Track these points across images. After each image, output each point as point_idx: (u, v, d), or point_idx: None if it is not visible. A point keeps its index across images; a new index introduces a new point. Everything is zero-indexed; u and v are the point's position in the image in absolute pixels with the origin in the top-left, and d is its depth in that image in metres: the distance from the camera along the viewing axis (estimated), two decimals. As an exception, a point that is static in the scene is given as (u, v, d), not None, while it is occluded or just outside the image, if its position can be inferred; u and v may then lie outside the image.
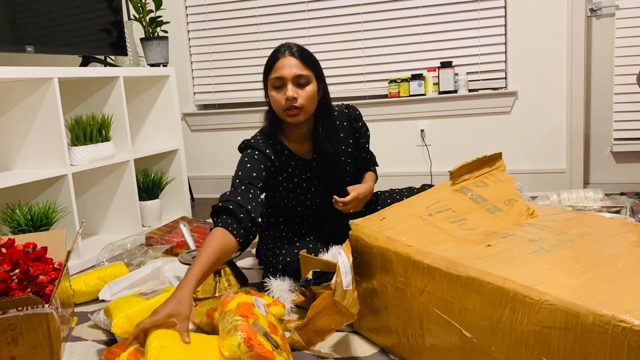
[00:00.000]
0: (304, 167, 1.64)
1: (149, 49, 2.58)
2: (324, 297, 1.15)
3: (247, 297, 1.20)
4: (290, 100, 1.48)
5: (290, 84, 1.48)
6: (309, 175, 1.66)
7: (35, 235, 1.55)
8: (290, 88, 1.47)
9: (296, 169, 1.64)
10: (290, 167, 1.63)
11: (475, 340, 0.95)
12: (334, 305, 1.11)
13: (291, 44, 1.53)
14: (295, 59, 1.49)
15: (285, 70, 1.48)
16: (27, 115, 1.98)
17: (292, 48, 1.51)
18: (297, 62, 1.49)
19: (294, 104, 1.48)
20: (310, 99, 1.51)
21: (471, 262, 0.98)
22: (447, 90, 2.78)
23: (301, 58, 1.50)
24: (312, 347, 1.24)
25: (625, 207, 1.97)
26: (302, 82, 1.49)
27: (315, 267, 1.43)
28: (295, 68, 1.48)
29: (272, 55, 1.53)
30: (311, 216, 1.75)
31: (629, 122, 2.63)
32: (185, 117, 3.29)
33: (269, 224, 1.80)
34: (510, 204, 1.27)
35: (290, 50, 1.50)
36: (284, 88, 1.49)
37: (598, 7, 2.63)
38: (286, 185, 1.66)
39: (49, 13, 2.13)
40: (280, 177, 1.64)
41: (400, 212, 1.24)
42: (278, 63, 1.49)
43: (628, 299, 0.79)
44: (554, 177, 2.78)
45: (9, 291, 1.26)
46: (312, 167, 1.65)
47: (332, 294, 1.10)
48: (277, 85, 1.50)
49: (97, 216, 2.38)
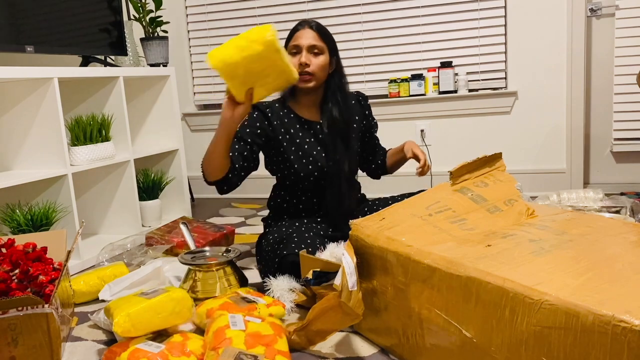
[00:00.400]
0: (309, 129, 1.75)
1: (149, 49, 2.58)
2: (329, 299, 1.15)
3: (224, 318, 1.20)
4: (303, 65, 1.64)
5: (304, 52, 1.65)
6: (312, 139, 1.75)
7: (35, 235, 1.55)
8: (304, 55, 1.65)
9: (301, 131, 1.74)
10: (294, 128, 1.74)
11: (475, 340, 0.95)
12: (339, 307, 1.11)
13: (311, 20, 1.71)
14: (312, 32, 1.67)
15: (302, 40, 1.66)
16: (27, 115, 1.98)
17: (311, 23, 1.70)
18: (313, 34, 1.66)
19: (307, 70, 1.65)
20: (321, 68, 1.68)
21: (471, 262, 0.98)
22: (447, 90, 2.78)
23: (318, 31, 1.68)
24: (312, 347, 1.24)
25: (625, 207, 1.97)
26: (316, 51, 1.66)
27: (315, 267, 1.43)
28: (311, 39, 1.66)
29: (293, 28, 1.71)
30: (313, 185, 1.76)
31: (629, 122, 2.64)
32: (185, 117, 3.29)
33: (274, 216, 1.83)
34: (510, 204, 1.27)
35: (310, 24, 1.69)
36: (298, 54, 1.66)
37: (598, 7, 2.63)
38: (287, 146, 1.73)
39: (49, 13, 2.13)
40: (282, 136, 1.73)
41: (400, 212, 1.24)
42: (297, 33, 1.68)
43: (628, 299, 0.79)
44: (554, 177, 2.78)
45: (8, 291, 1.26)
46: (317, 130, 1.76)
47: (338, 295, 1.09)
48: (293, 51, 1.67)
49: (97, 216, 2.38)
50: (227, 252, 1.62)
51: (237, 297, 1.36)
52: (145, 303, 1.29)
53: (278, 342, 1.17)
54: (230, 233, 2.14)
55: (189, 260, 1.55)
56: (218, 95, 3.28)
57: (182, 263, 1.55)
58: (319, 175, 1.74)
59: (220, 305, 1.30)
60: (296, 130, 1.74)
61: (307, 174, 1.73)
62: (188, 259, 1.56)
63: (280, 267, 1.56)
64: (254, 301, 1.34)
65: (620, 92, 2.61)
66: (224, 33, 3.18)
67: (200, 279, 1.52)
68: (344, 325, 1.18)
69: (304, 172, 1.72)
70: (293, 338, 1.23)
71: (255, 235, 2.31)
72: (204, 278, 1.52)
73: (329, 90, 1.73)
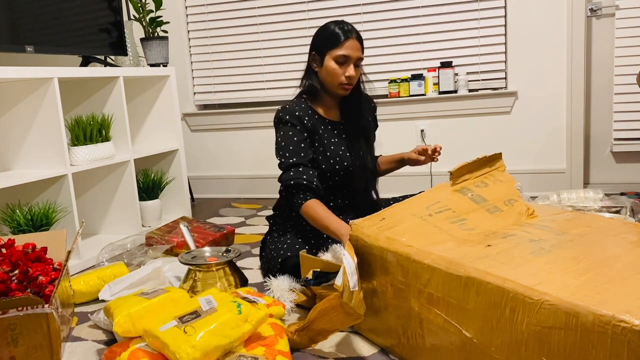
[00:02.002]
0: (333, 130, 1.78)
1: (149, 49, 2.58)
2: (330, 299, 1.15)
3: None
4: (351, 78, 1.69)
5: (352, 65, 1.68)
6: (336, 139, 1.77)
7: (35, 235, 1.55)
8: (352, 68, 1.68)
9: (325, 132, 1.76)
10: (320, 129, 1.75)
11: (475, 340, 0.95)
12: (341, 307, 1.11)
13: (353, 26, 1.71)
14: (359, 44, 1.69)
15: (352, 52, 1.67)
16: (27, 115, 1.98)
17: (356, 32, 1.70)
18: (359, 46, 1.69)
19: (351, 82, 1.70)
20: (357, 78, 1.75)
21: (471, 262, 0.98)
22: (447, 90, 2.78)
23: (361, 43, 1.71)
24: (314, 345, 1.24)
25: (625, 207, 1.97)
26: (358, 63, 1.71)
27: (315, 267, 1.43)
28: (359, 52, 1.69)
29: (336, 31, 1.68)
30: (337, 183, 1.79)
31: (629, 122, 2.63)
32: (185, 117, 3.29)
33: (282, 218, 1.83)
34: (510, 204, 1.27)
35: (357, 34, 1.70)
36: (345, 65, 1.68)
37: (598, 7, 2.63)
38: (317, 147, 1.75)
39: (49, 13, 2.13)
40: (314, 139, 1.75)
41: (400, 212, 1.24)
42: (347, 42, 1.67)
43: (628, 299, 0.79)
44: (554, 177, 2.78)
45: (8, 292, 1.26)
46: (340, 130, 1.79)
47: (340, 295, 1.10)
48: (341, 61, 1.67)
49: (97, 216, 2.38)
50: (227, 252, 1.62)
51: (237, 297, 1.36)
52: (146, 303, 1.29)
53: (279, 342, 1.17)
54: (230, 233, 2.14)
55: (189, 260, 1.55)
56: (218, 95, 3.28)
57: (182, 263, 1.54)
58: (344, 174, 1.77)
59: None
60: (323, 131, 1.75)
61: (333, 173, 1.75)
62: (188, 259, 1.56)
63: (283, 268, 1.56)
64: (254, 301, 1.33)
65: (620, 92, 2.61)
66: (224, 33, 3.18)
67: (200, 279, 1.52)
68: (346, 325, 1.18)
69: (330, 171, 1.75)
70: (294, 338, 1.23)
71: (256, 236, 2.31)
72: (204, 278, 1.52)
73: (353, 91, 1.76)
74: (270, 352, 1.13)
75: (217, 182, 3.30)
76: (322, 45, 1.70)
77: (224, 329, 1.11)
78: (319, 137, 1.74)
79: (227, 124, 3.22)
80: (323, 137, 1.75)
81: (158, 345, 1.11)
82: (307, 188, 1.61)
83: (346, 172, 1.76)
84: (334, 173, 1.75)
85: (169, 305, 1.27)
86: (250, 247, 2.15)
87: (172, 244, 2.00)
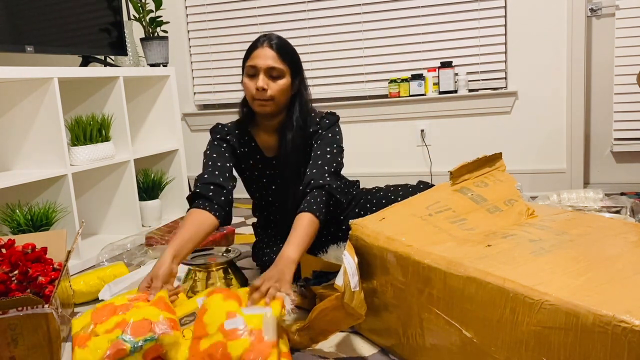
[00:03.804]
0: (266, 165, 1.65)
1: (149, 49, 2.58)
2: (331, 299, 1.14)
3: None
4: (260, 90, 1.49)
5: (262, 75, 1.49)
6: (268, 172, 1.66)
7: (35, 235, 1.55)
8: (262, 79, 1.48)
9: (259, 163, 1.65)
10: (253, 159, 1.65)
11: (475, 340, 0.95)
12: (342, 307, 1.11)
13: (273, 35, 1.54)
14: (272, 51, 1.49)
15: (259, 60, 1.49)
16: (27, 115, 1.98)
17: (272, 40, 1.52)
18: (273, 55, 1.49)
19: (264, 95, 1.50)
20: (280, 92, 1.51)
21: (471, 262, 0.98)
22: (447, 90, 2.78)
23: (278, 51, 1.50)
24: (314, 345, 1.24)
25: (625, 207, 1.97)
26: (275, 74, 1.50)
27: (315, 267, 1.43)
28: (270, 60, 1.49)
29: (252, 44, 1.54)
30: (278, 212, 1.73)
31: (629, 122, 2.63)
32: (185, 117, 3.28)
33: (263, 222, 1.81)
34: (510, 204, 1.26)
35: (270, 42, 1.51)
36: (256, 77, 1.49)
37: (598, 7, 2.63)
38: (249, 175, 1.68)
39: (49, 13, 2.13)
40: (244, 165, 1.67)
41: (400, 212, 1.24)
42: (255, 52, 1.51)
43: (628, 299, 0.79)
44: (554, 177, 2.78)
45: (8, 292, 1.26)
46: (272, 165, 1.65)
47: (341, 295, 1.09)
48: (250, 73, 1.51)
49: (97, 216, 2.38)
50: (227, 252, 1.62)
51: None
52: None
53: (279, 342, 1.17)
54: (230, 233, 2.14)
55: (189, 260, 1.55)
56: (218, 95, 3.28)
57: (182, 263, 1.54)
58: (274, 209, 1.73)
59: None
60: (255, 161, 1.65)
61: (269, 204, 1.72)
62: (188, 259, 1.56)
63: None
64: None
65: (620, 92, 2.61)
66: (224, 33, 3.18)
67: (200, 279, 1.52)
68: (347, 326, 1.18)
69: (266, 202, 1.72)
70: (295, 338, 1.23)
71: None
72: (204, 278, 1.52)
73: (289, 114, 1.58)
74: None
75: (217, 182, 3.30)
76: (243, 61, 1.55)
77: None
78: (249, 169, 1.66)
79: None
80: (253, 172, 1.66)
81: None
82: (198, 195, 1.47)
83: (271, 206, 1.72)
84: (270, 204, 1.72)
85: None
86: (250, 247, 2.14)
87: (172, 244, 1.99)
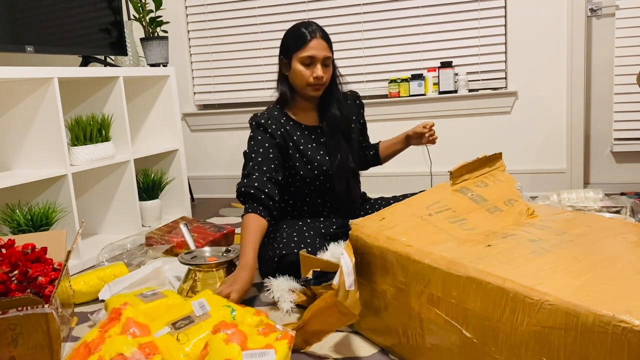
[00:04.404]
0: (310, 135, 1.77)
1: (149, 49, 2.58)
2: (325, 298, 1.15)
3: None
4: (319, 78, 1.66)
5: (319, 64, 1.66)
6: (314, 144, 1.76)
7: (35, 235, 1.55)
8: (320, 68, 1.66)
9: (302, 137, 1.76)
10: (295, 136, 1.75)
11: (475, 340, 0.95)
12: (336, 306, 1.11)
13: (316, 24, 1.69)
14: (324, 42, 1.67)
15: (317, 52, 1.65)
16: (27, 115, 1.98)
17: (321, 30, 1.68)
18: (325, 45, 1.67)
19: (321, 82, 1.68)
20: (330, 76, 1.72)
21: (471, 262, 0.98)
22: (447, 90, 2.78)
23: (327, 41, 1.69)
24: (308, 348, 1.24)
25: (625, 207, 1.97)
26: (327, 63, 1.68)
27: (315, 267, 1.43)
28: (325, 50, 1.67)
29: (300, 33, 1.67)
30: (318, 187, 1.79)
31: (629, 122, 2.63)
32: (185, 117, 3.29)
33: (276, 216, 1.82)
34: (510, 204, 1.27)
35: (321, 32, 1.68)
36: (311, 66, 1.66)
37: (598, 7, 2.63)
38: (292, 154, 1.74)
39: (49, 13, 2.13)
40: (288, 147, 1.74)
41: (400, 212, 1.24)
42: (311, 43, 1.65)
43: (628, 299, 0.79)
44: (554, 177, 2.78)
45: (8, 292, 1.26)
46: (318, 133, 1.78)
47: (335, 294, 1.10)
48: (307, 62, 1.66)
49: (97, 216, 2.38)
50: (227, 252, 1.62)
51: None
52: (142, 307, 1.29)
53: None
54: (230, 233, 2.14)
55: (189, 260, 1.55)
56: (218, 95, 3.28)
57: (182, 263, 1.55)
58: (324, 179, 1.76)
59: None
60: (298, 137, 1.76)
61: (312, 179, 1.75)
62: (188, 259, 1.56)
63: (280, 266, 1.56)
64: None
65: (620, 92, 2.61)
66: (224, 33, 3.18)
67: (200, 279, 1.52)
68: (340, 326, 1.17)
69: (309, 177, 1.75)
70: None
71: (255, 235, 2.30)
72: (204, 278, 1.52)
73: (328, 92, 1.75)
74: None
75: (217, 182, 3.30)
76: (288, 49, 1.69)
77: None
78: (294, 144, 1.74)
79: (227, 124, 3.22)
80: (299, 143, 1.75)
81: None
82: (254, 198, 1.59)
83: (325, 176, 1.76)
84: (313, 178, 1.75)
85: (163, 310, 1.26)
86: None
87: (172, 244, 2.00)
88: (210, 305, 1.20)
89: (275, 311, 1.46)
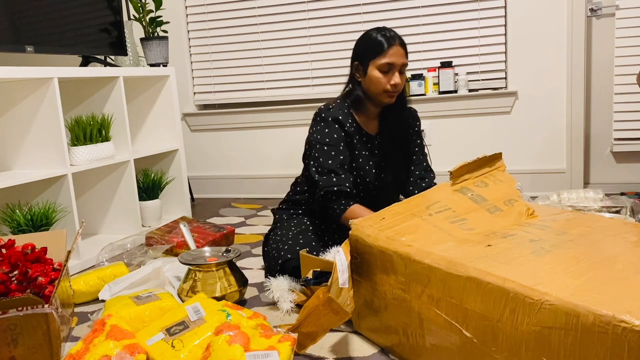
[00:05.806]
0: (367, 143, 1.75)
1: (149, 49, 2.58)
2: (317, 296, 1.14)
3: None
4: (396, 86, 1.64)
5: (397, 72, 1.64)
6: (367, 153, 1.75)
7: (35, 235, 1.55)
8: (397, 75, 1.64)
9: (359, 143, 1.74)
10: (355, 139, 1.73)
11: (475, 340, 0.95)
12: (328, 304, 1.11)
13: (393, 30, 1.67)
14: (402, 50, 1.65)
15: (396, 59, 1.63)
16: (27, 115, 1.98)
17: (399, 37, 1.66)
18: (403, 52, 1.65)
19: (398, 89, 1.66)
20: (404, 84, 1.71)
21: (471, 262, 0.98)
22: (447, 90, 2.78)
23: (405, 48, 1.67)
24: (303, 350, 1.22)
25: (625, 207, 1.97)
26: (403, 70, 1.67)
27: (315, 267, 1.43)
28: (403, 58, 1.65)
29: (379, 39, 1.64)
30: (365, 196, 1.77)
31: (629, 122, 2.63)
32: (185, 117, 3.28)
33: (288, 214, 1.82)
34: (510, 204, 1.27)
35: (400, 40, 1.65)
36: (389, 73, 1.64)
37: (598, 7, 2.63)
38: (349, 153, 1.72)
39: (49, 13, 2.13)
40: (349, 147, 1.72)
41: (400, 212, 1.24)
42: (391, 50, 1.63)
43: (628, 299, 0.79)
44: (554, 177, 2.78)
45: (8, 293, 1.26)
46: (374, 144, 1.76)
47: (327, 290, 1.09)
48: (385, 69, 1.63)
49: (97, 216, 2.38)
50: (227, 252, 1.62)
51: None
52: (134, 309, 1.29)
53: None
54: (230, 233, 2.14)
55: (189, 260, 1.55)
56: (218, 95, 3.28)
57: (182, 263, 1.54)
58: (364, 189, 1.75)
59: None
60: (357, 141, 1.73)
61: (355, 185, 1.73)
62: (188, 259, 1.56)
63: (283, 270, 1.56)
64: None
65: (620, 92, 2.61)
66: (224, 33, 3.18)
67: (200, 279, 1.52)
68: (334, 325, 1.16)
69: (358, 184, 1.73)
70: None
71: (256, 235, 2.31)
72: (204, 278, 1.52)
73: (397, 100, 1.72)
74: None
75: (217, 182, 3.30)
76: (364, 55, 1.66)
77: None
78: (352, 147, 1.72)
79: (227, 124, 3.22)
80: (355, 147, 1.73)
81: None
82: (347, 195, 1.60)
83: (366, 187, 1.74)
84: (356, 185, 1.73)
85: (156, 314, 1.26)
86: (250, 247, 2.15)
87: (172, 244, 2.00)
88: (205, 309, 1.19)
89: (275, 311, 1.46)
